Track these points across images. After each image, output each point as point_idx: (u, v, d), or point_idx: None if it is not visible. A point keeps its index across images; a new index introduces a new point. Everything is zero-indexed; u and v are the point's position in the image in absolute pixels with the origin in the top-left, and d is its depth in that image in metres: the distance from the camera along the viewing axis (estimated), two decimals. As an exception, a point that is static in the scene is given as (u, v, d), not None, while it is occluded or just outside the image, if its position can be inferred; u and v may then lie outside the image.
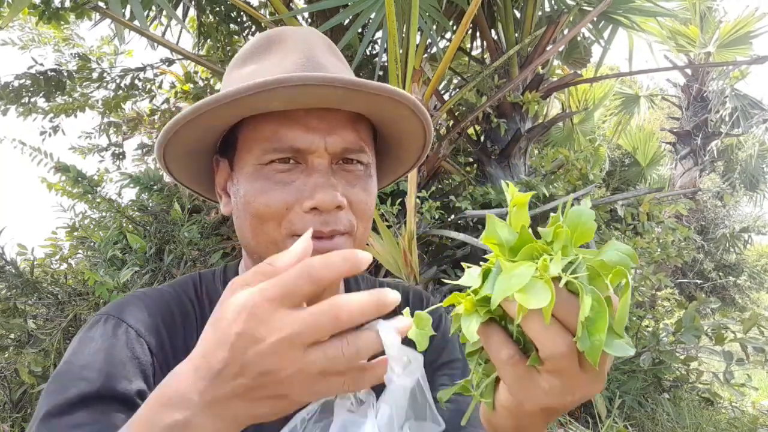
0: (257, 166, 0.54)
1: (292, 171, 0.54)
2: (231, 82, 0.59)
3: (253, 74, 0.57)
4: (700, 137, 8.98)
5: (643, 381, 3.05)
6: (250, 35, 3.64)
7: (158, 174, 2.72)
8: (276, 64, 0.57)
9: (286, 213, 0.53)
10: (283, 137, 0.53)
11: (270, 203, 0.53)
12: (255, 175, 0.54)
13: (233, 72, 0.60)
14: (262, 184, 0.54)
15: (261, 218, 0.54)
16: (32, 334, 2.14)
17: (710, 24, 7.87)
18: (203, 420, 0.36)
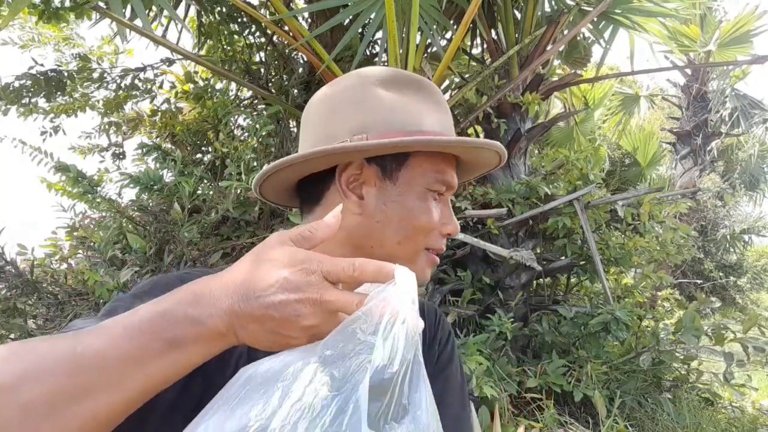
0: (425, 190, 0.65)
1: (439, 200, 0.67)
2: (385, 102, 0.66)
3: (409, 103, 0.66)
4: (700, 137, 8.98)
5: (643, 381, 3.05)
6: (251, 35, 3.64)
7: (158, 174, 2.72)
8: (434, 108, 0.68)
9: (431, 231, 0.66)
10: (448, 175, 0.67)
11: (431, 222, 0.65)
12: (423, 197, 0.65)
13: (377, 89, 0.67)
14: (427, 205, 0.65)
15: (420, 230, 0.65)
16: (32, 334, 2.14)
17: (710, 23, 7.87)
18: (217, 322, 0.42)
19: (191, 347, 0.42)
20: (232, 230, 2.70)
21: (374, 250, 0.65)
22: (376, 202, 0.64)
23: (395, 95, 0.66)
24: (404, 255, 0.65)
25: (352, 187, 0.66)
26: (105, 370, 0.40)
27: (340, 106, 0.66)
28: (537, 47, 3.44)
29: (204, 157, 3.21)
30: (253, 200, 2.61)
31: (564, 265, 3.39)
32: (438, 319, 0.81)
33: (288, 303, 0.41)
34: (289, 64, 3.43)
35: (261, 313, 0.42)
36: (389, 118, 0.64)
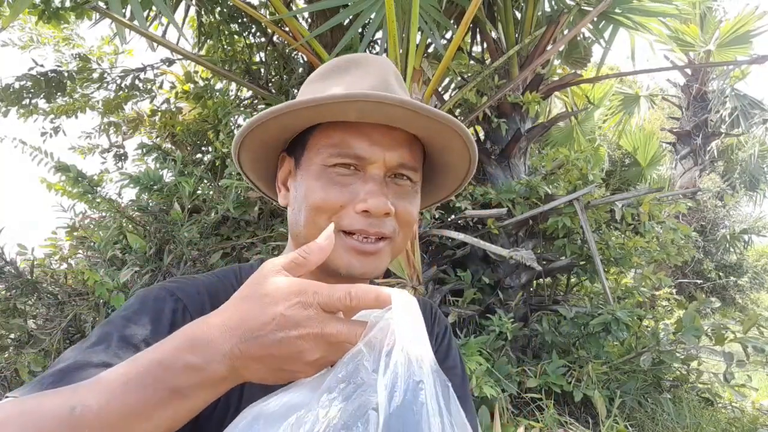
0: (322, 167, 0.62)
1: (351, 176, 0.62)
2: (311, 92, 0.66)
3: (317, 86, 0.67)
4: (700, 137, 8.98)
5: (643, 381, 3.05)
6: (251, 35, 3.64)
7: (158, 174, 2.72)
8: (353, 83, 0.65)
9: (339, 210, 0.61)
10: (350, 145, 0.61)
11: (327, 199, 0.61)
12: (319, 174, 0.62)
13: (312, 85, 0.68)
14: (323, 182, 0.62)
15: (317, 210, 0.62)
16: (32, 334, 2.13)
17: (710, 23, 7.87)
18: (218, 368, 0.41)
19: (194, 394, 0.42)
20: (232, 230, 2.70)
21: (297, 239, 0.65)
22: (292, 192, 0.66)
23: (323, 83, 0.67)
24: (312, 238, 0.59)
25: (286, 182, 0.69)
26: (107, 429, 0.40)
27: None
28: (537, 47, 3.44)
29: (204, 157, 3.21)
30: (253, 200, 2.61)
31: (564, 265, 3.39)
32: (433, 315, 0.81)
33: (289, 340, 0.40)
34: (289, 64, 3.43)
35: (262, 353, 0.41)
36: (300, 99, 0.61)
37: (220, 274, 0.70)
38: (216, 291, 0.65)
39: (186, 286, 0.64)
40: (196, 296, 0.62)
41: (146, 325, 0.57)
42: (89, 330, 2.13)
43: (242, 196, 2.59)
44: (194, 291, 0.63)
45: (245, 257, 2.53)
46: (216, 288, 0.65)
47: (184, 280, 0.65)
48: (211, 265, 2.50)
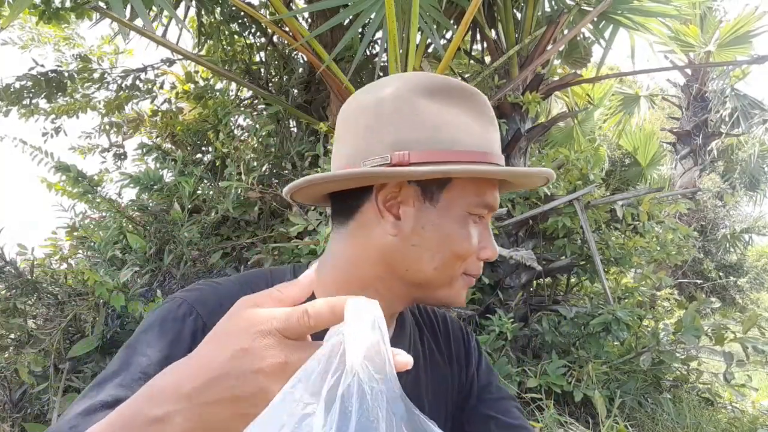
0: (466, 213, 0.62)
1: (479, 223, 0.64)
2: (428, 115, 0.61)
3: (454, 117, 0.62)
4: (700, 137, 8.97)
5: (643, 381, 3.05)
6: (251, 35, 3.64)
7: (158, 174, 2.72)
8: (481, 124, 0.64)
9: (469, 257, 0.63)
10: (491, 198, 0.64)
11: (470, 249, 0.63)
12: (463, 221, 0.62)
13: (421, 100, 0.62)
14: (467, 231, 0.62)
15: (458, 258, 0.62)
16: (32, 334, 2.13)
17: (710, 23, 7.87)
18: (182, 418, 0.37)
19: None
20: (232, 230, 2.70)
21: (408, 274, 0.63)
22: (414, 225, 0.61)
23: (440, 107, 0.62)
24: (441, 281, 0.63)
25: (389, 205, 0.62)
26: None
27: (380, 117, 0.62)
28: (537, 47, 3.44)
29: (204, 157, 3.21)
30: (253, 200, 2.61)
31: (564, 265, 3.38)
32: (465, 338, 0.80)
33: (249, 377, 0.36)
34: (289, 64, 3.43)
35: (224, 396, 0.37)
36: (434, 135, 0.60)
37: (249, 281, 0.66)
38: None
39: (208, 299, 0.61)
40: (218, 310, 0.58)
41: (163, 350, 0.55)
42: (89, 330, 2.13)
43: (242, 196, 2.59)
44: (216, 304, 0.60)
45: (245, 257, 2.53)
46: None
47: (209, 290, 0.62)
48: (211, 265, 2.50)
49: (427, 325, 0.78)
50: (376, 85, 0.66)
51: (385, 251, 0.63)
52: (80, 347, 2.05)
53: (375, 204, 0.62)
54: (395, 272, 0.63)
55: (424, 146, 0.59)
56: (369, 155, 0.61)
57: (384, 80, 0.66)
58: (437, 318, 0.80)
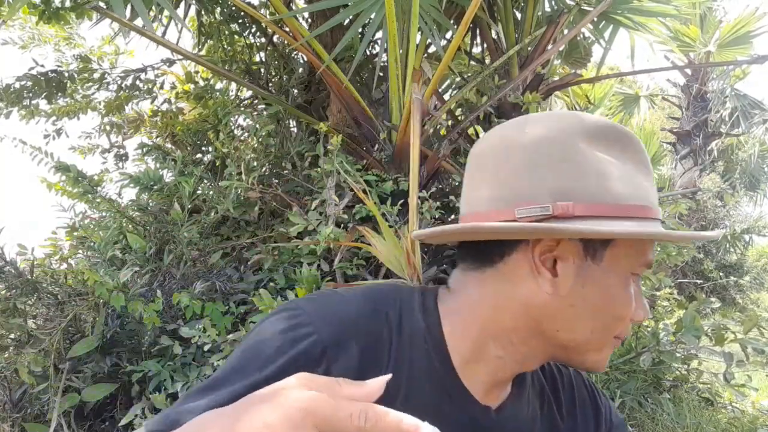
0: (629, 273, 0.58)
1: (635, 282, 0.60)
2: (587, 160, 0.56)
3: (620, 167, 0.57)
4: (700, 137, 8.97)
5: (643, 381, 3.05)
6: (251, 35, 3.64)
7: (158, 174, 2.72)
8: (644, 175, 0.59)
9: (626, 319, 0.59)
10: (651, 255, 0.59)
11: (629, 310, 0.58)
12: (626, 281, 0.58)
13: (582, 144, 0.57)
14: (629, 292, 0.58)
15: (617, 320, 0.58)
16: (32, 334, 2.13)
17: (710, 24, 7.87)
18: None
19: None
20: (232, 230, 2.70)
21: (559, 335, 0.58)
22: (573, 283, 0.56)
23: (602, 153, 0.56)
24: (593, 345, 0.58)
25: (544, 259, 0.56)
26: None
27: (538, 159, 0.56)
28: (537, 47, 3.44)
29: (204, 157, 3.21)
30: (253, 200, 2.61)
31: (564, 265, 3.38)
32: (594, 400, 0.74)
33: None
34: (289, 64, 3.43)
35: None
36: (599, 186, 0.54)
37: (379, 301, 0.59)
38: (366, 325, 0.56)
39: (341, 333, 0.54)
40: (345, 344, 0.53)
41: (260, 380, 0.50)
42: (89, 330, 2.13)
43: (242, 196, 2.59)
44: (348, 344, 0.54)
45: (245, 257, 2.53)
46: (367, 320, 0.57)
47: (342, 318, 0.55)
48: (211, 265, 2.50)
49: (549, 384, 0.71)
50: (523, 122, 0.60)
51: (534, 307, 0.57)
52: (80, 347, 2.05)
53: (529, 258, 0.56)
54: (541, 330, 0.58)
55: (590, 198, 0.54)
56: (524, 202, 0.55)
57: (532, 117, 0.61)
58: (562, 376, 0.73)
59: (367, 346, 0.55)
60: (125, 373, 2.12)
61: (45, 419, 2.07)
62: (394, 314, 0.59)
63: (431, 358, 0.59)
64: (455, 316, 0.61)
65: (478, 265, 0.61)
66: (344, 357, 0.53)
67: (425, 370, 0.58)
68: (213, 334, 2.05)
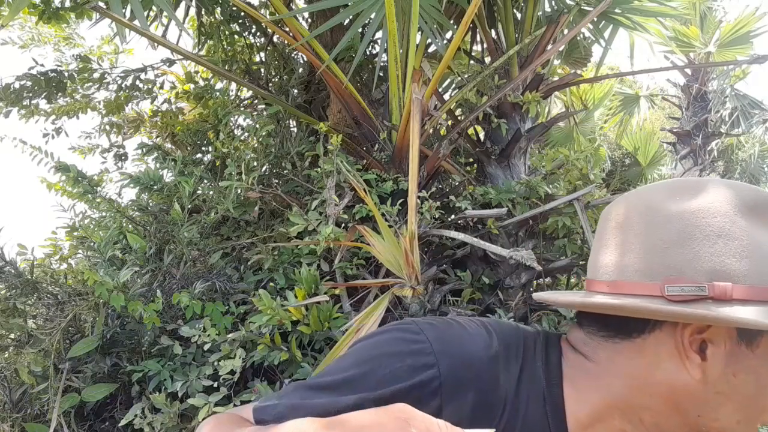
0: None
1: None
2: (750, 238, 0.51)
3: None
4: (700, 137, 8.97)
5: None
6: (251, 35, 3.64)
7: (158, 174, 2.72)
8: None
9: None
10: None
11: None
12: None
13: (743, 221, 0.52)
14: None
15: (765, 411, 0.54)
16: (32, 334, 2.13)
17: (710, 24, 7.87)
18: None
19: None
20: (232, 230, 2.70)
21: (701, 420, 0.54)
22: (723, 370, 0.52)
23: (764, 232, 0.52)
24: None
25: (692, 340, 0.52)
26: None
27: (694, 232, 0.51)
28: (537, 47, 3.44)
29: (204, 157, 3.21)
30: (253, 200, 2.61)
31: (564, 265, 3.38)
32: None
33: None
34: (289, 64, 3.43)
35: None
36: (763, 267, 0.50)
37: (507, 345, 0.57)
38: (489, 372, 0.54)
39: (460, 372, 0.53)
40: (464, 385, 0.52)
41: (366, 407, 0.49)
42: (89, 330, 2.13)
43: (242, 196, 2.59)
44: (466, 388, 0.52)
45: (245, 257, 2.53)
46: (489, 367, 0.54)
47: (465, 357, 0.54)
48: (211, 265, 2.49)
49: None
50: (674, 189, 0.56)
51: (677, 390, 0.53)
52: (80, 347, 2.05)
53: (677, 339, 0.53)
54: (681, 413, 0.54)
55: (751, 280, 0.50)
56: (675, 278, 0.51)
57: (681, 184, 0.56)
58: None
59: (484, 393, 0.53)
60: (125, 373, 2.12)
61: (45, 419, 2.07)
62: (515, 364, 0.57)
63: (546, 418, 0.57)
64: (580, 381, 0.58)
65: (611, 334, 0.57)
66: (459, 399, 0.52)
67: (539, 429, 0.56)
68: (213, 334, 2.05)
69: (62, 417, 2.00)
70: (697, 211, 0.52)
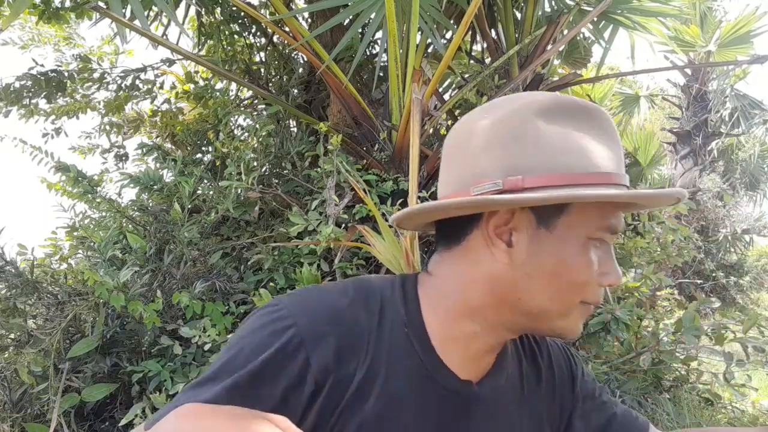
0: (586, 239, 0.58)
1: (600, 247, 0.59)
2: (546, 138, 0.57)
3: (574, 139, 0.58)
4: (700, 137, 8.97)
5: (643, 381, 3.05)
6: (251, 35, 3.64)
7: (158, 174, 2.72)
8: (601, 143, 0.59)
9: (588, 285, 0.59)
10: (617, 221, 0.59)
11: (589, 275, 0.58)
12: (584, 247, 0.58)
13: (539, 122, 0.58)
14: (588, 257, 0.58)
15: (579, 287, 0.58)
16: (32, 334, 2.14)
17: (710, 23, 7.87)
18: None
19: None
20: (232, 230, 2.70)
21: (521, 303, 0.59)
22: (528, 252, 0.58)
23: (560, 128, 0.57)
24: (556, 310, 0.59)
25: (500, 232, 0.59)
26: None
27: (493, 140, 0.58)
28: (537, 47, 3.44)
29: (204, 157, 3.21)
30: (253, 200, 2.61)
31: (564, 265, 3.38)
32: (569, 363, 0.78)
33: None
34: (289, 64, 3.43)
35: None
36: (551, 159, 0.56)
37: (361, 297, 0.61)
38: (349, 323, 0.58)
39: (318, 325, 0.56)
40: (323, 335, 0.56)
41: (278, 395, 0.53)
42: (89, 330, 2.13)
43: (242, 196, 2.59)
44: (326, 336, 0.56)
45: (245, 257, 2.53)
46: (348, 319, 0.58)
47: (321, 310, 0.58)
48: (211, 265, 2.49)
49: (527, 356, 0.74)
50: (486, 107, 0.63)
51: (495, 279, 0.60)
52: (80, 347, 2.05)
53: (485, 232, 0.59)
54: (506, 301, 0.60)
55: (540, 170, 0.56)
56: (479, 180, 0.58)
57: (493, 102, 0.63)
58: (540, 347, 0.76)
59: (346, 336, 0.58)
60: (125, 373, 2.12)
61: (45, 419, 2.07)
62: (375, 304, 0.62)
63: (410, 342, 0.61)
64: (433, 297, 0.64)
65: (449, 244, 0.64)
66: (322, 346, 0.56)
67: (405, 352, 0.61)
68: (213, 334, 2.05)
69: (62, 417, 2.00)
70: (498, 121, 0.59)
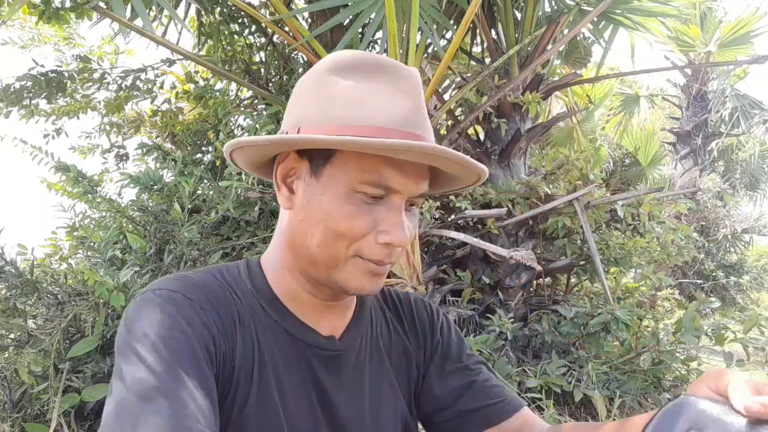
0: (349, 191, 0.58)
1: (374, 204, 0.59)
2: (332, 91, 0.59)
3: (357, 92, 0.59)
4: (700, 137, 8.97)
5: (643, 381, 3.05)
6: (251, 35, 3.64)
7: (158, 174, 2.72)
8: (389, 105, 0.59)
9: (360, 238, 0.59)
10: (384, 176, 0.57)
11: (353, 227, 0.58)
12: (345, 198, 0.58)
13: (332, 77, 0.60)
14: (351, 208, 0.58)
15: (340, 237, 0.58)
16: (32, 334, 2.13)
17: (710, 24, 7.87)
18: None
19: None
20: (232, 230, 2.70)
21: (306, 251, 0.61)
22: (302, 199, 0.60)
23: (350, 83, 0.59)
24: (325, 260, 0.60)
25: (289, 180, 0.62)
26: None
27: (295, 95, 0.63)
28: (537, 47, 3.44)
29: (204, 157, 3.21)
30: (253, 200, 2.61)
31: (564, 265, 3.38)
32: (430, 314, 0.80)
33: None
34: (289, 64, 3.43)
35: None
36: (324, 111, 0.58)
37: (210, 273, 0.65)
38: (216, 288, 0.61)
39: (199, 295, 0.59)
40: (207, 305, 0.59)
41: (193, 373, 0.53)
42: (89, 330, 2.13)
43: (242, 196, 2.59)
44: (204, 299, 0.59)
45: (245, 257, 2.53)
46: (216, 294, 0.61)
47: (196, 283, 0.60)
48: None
49: (390, 308, 0.78)
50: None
51: (287, 227, 0.63)
52: (80, 347, 2.05)
53: (276, 179, 0.63)
54: (296, 249, 0.62)
55: (315, 121, 0.58)
56: (281, 132, 0.62)
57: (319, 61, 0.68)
58: (401, 301, 0.79)
59: (222, 306, 0.60)
60: (125, 373, 2.11)
61: (45, 419, 2.07)
62: (231, 281, 0.65)
63: (266, 312, 0.64)
64: (268, 263, 0.67)
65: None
66: (211, 316, 0.58)
67: (265, 323, 0.63)
68: (213, 334, 2.04)
69: (62, 417, 2.00)
70: (304, 77, 0.63)
